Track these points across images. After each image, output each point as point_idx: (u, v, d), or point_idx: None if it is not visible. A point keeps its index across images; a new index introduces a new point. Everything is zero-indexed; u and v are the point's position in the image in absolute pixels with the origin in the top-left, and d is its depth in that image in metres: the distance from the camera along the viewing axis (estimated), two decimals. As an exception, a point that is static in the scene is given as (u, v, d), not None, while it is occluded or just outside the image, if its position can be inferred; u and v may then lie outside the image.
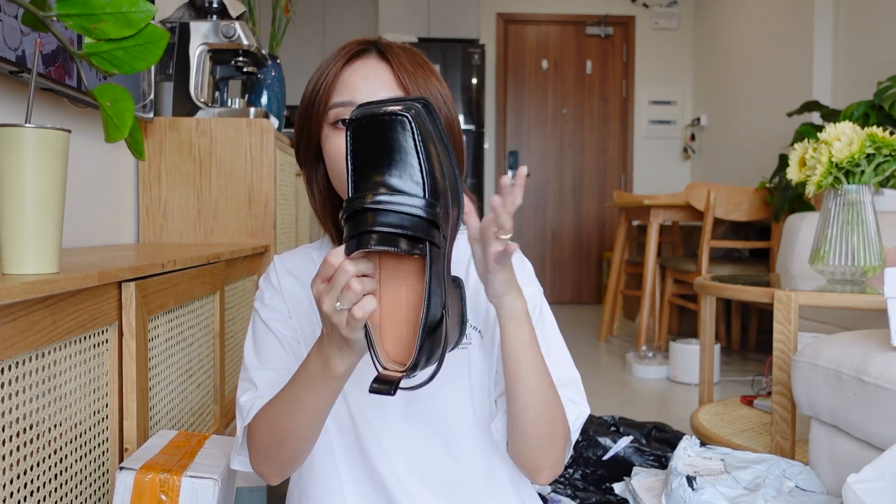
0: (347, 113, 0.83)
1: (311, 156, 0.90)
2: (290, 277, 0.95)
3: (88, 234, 1.75)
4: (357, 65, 0.86)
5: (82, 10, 0.79)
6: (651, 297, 3.63)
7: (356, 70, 0.85)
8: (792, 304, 1.62)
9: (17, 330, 0.79)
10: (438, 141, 0.68)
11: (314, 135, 0.87)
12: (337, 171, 0.85)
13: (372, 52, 0.87)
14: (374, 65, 0.85)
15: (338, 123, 0.85)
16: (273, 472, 0.87)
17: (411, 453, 0.91)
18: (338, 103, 0.84)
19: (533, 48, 5.86)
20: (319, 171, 0.90)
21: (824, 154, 1.71)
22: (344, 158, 0.80)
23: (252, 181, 2.03)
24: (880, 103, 2.84)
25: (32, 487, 0.85)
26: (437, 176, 0.65)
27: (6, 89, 1.35)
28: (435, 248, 0.64)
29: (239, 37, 2.09)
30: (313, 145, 0.88)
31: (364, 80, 0.84)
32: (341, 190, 0.87)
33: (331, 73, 0.86)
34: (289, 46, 3.44)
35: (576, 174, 5.91)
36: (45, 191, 0.81)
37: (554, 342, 0.94)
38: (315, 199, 0.92)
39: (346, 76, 0.85)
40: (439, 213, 0.65)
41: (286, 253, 1.00)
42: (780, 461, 1.34)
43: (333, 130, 0.85)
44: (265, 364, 0.90)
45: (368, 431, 0.91)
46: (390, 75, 0.84)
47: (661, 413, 2.61)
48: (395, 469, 0.91)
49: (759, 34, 4.58)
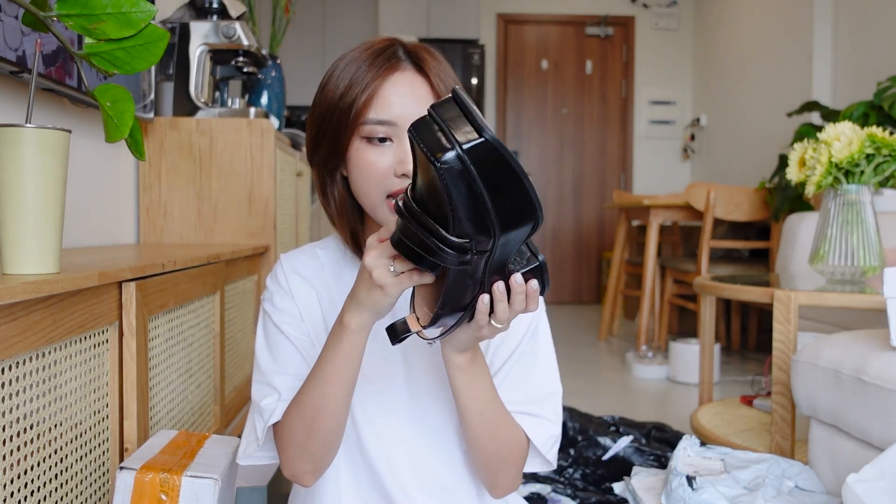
0: (385, 132, 0.82)
1: (333, 162, 0.87)
2: (297, 276, 0.94)
3: (88, 234, 1.75)
4: (395, 79, 0.83)
5: (83, 10, 0.79)
6: (651, 297, 3.63)
7: (394, 85, 0.83)
8: (791, 304, 1.62)
9: (17, 330, 0.79)
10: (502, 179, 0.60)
11: (342, 143, 0.85)
12: (363, 185, 0.84)
13: (408, 64, 0.84)
14: (412, 79, 0.84)
15: (373, 140, 0.83)
16: (308, 469, 0.86)
17: (411, 455, 0.92)
18: (374, 120, 0.82)
19: (533, 48, 5.86)
20: (337, 176, 0.89)
21: (824, 154, 1.71)
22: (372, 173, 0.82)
23: (252, 181, 2.03)
24: (880, 103, 2.84)
25: (32, 487, 0.85)
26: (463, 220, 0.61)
27: (6, 89, 1.35)
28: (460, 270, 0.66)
29: (239, 37, 2.09)
30: (339, 153, 0.86)
31: (402, 96, 0.82)
32: (365, 203, 0.86)
33: (367, 84, 0.82)
34: (289, 46, 3.44)
35: (576, 174, 5.92)
36: (45, 191, 0.81)
37: (542, 355, 0.94)
38: (330, 203, 0.90)
39: (383, 91, 0.82)
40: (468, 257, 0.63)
41: (292, 252, 0.99)
42: (780, 461, 1.34)
43: (366, 144, 0.83)
44: (283, 369, 0.90)
45: (370, 431, 0.92)
46: (428, 91, 0.84)
47: (660, 413, 2.61)
48: (394, 469, 0.91)
49: (758, 34, 4.58)
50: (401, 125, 0.82)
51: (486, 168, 0.57)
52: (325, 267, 0.95)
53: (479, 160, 0.57)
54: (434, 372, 0.92)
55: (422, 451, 0.92)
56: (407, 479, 0.92)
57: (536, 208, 0.60)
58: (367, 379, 0.91)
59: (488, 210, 0.59)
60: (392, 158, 0.82)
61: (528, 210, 0.60)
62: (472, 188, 0.57)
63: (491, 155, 0.57)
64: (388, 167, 0.82)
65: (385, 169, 0.82)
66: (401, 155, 0.82)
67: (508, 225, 0.60)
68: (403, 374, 0.93)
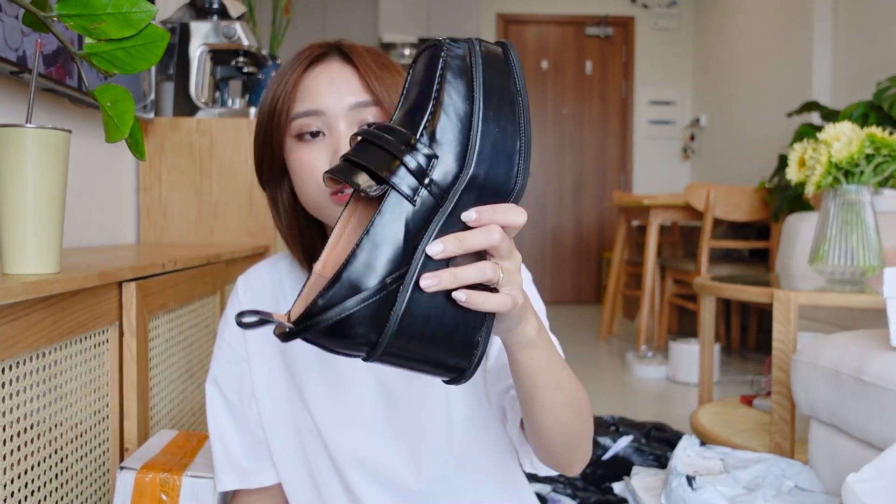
0: (313, 123, 0.77)
1: (276, 173, 0.83)
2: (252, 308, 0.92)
3: (88, 234, 1.75)
4: (319, 69, 0.79)
5: (83, 10, 0.79)
6: (651, 297, 3.63)
7: (318, 75, 0.78)
8: (791, 304, 1.62)
9: (17, 330, 0.79)
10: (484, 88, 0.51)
11: (277, 149, 0.80)
12: (303, 187, 0.78)
13: (334, 55, 0.80)
14: (338, 68, 0.79)
15: (304, 136, 0.77)
16: None
17: (388, 469, 0.87)
18: (301, 113, 0.77)
19: (533, 48, 5.86)
20: (284, 188, 0.83)
21: (824, 154, 1.71)
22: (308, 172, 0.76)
23: (252, 181, 2.03)
24: (880, 103, 2.84)
25: (33, 487, 0.85)
26: (443, 119, 0.50)
27: (7, 89, 1.35)
28: (397, 194, 0.49)
29: (239, 37, 2.09)
30: (277, 161, 0.81)
31: (328, 84, 0.77)
32: (309, 206, 0.80)
33: (290, 81, 0.78)
34: (289, 46, 3.44)
35: (576, 174, 5.92)
36: (45, 191, 0.81)
37: None
38: (281, 219, 0.85)
39: (307, 83, 0.78)
40: (423, 162, 0.49)
41: (251, 272, 0.93)
42: (780, 461, 1.34)
43: (298, 143, 0.78)
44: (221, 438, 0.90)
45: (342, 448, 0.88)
46: (356, 78, 0.78)
47: (660, 413, 2.61)
48: (367, 485, 0.87)
49: (758, 34, 4.58)
50: (329, 114, 0.77)
51: (493, 72, 0.50)
52: (285, 288, 0.91)
53: (490, 58, 0.50)
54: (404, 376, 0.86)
55: (390, 459, 0.87)
56: (375, 488, 0.87)
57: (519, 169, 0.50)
58: (332, 387, 0.87)
59: (475, 127, 0.49)
60: (326, 152, 0.77)
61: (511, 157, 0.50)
62: (469, 87, 0.50)
63: (503, 62, 0.50)
64: (323, 162, 0.76)
65: (321, 165, 0.76)
66: (334, 145, 0.76)
67: (488, 167, 0.50)
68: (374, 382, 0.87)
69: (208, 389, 0.90)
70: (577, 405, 0.72)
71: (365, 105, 0.77)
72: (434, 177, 0.49)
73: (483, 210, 0.50)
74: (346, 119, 0.77)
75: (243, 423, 0.90)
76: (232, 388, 0.90)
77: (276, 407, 0.90)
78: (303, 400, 0.88)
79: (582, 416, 0.74)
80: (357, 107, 0.77)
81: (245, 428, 0.90)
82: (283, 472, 0.90)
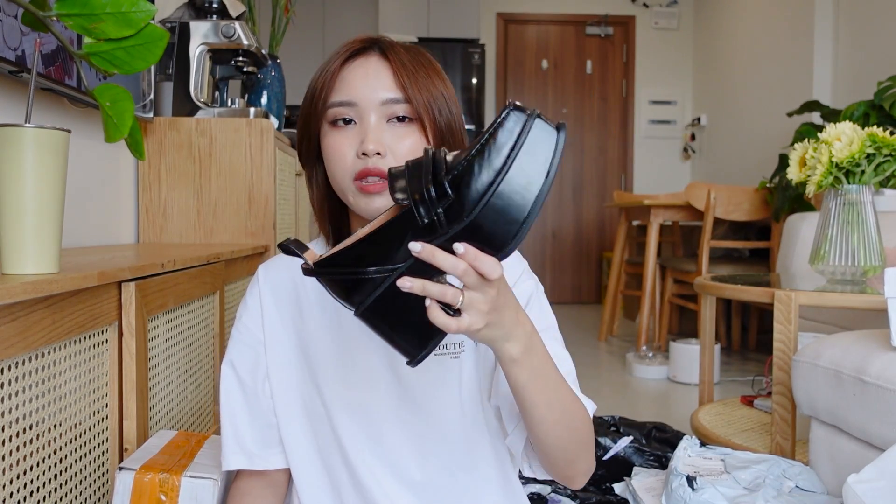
0: (346, 112, 0.82)
1: (313, 154, 0.89)
2: (271, 295, 0.93)
3: (88, 234, 1.75)
4: (357, 62, 0.84)
5: (82, 9, 0.79)
6: (651, 297, 3.63)
7: (355, 68, 0.84)
8: (792, 304, 1.62)
9: (16, 330, 0.79)
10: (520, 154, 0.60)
11: (314, 133, 0.86)
12: (333, 169, 0.84)
13: (373, 51, 0.85)
14: (374, 63, 0.84)
15: (337, 122, 0.83)
16: None
17: (394, 457, 0.89)
18: (336, 102, 0.83)
19: (533, 48, 5.86)
20: (319, 170, 0.89)
21: (824, 154, 1.71)
22: (338, 155, 0.83)
23: (252, 181, 2.02)
24: (880, 103, 2.83)
25: (32, 487, 0.85)
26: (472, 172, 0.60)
27: (6, 89, 1.35)
28: (412, 211, 0.61)
29: (239, 37, 2.09)
30: (314, 144, 0.87)
31: (363, 78, 0.83)
32: (336, 188, 0.86)
33: (330, 70, 0.84)
34: (289, 46, 3.44)
35: (576, 174, 5.91)
36: (44, 191, 0.81)
37: (549, 337, 0.89)
38: (314, 196, 0.91)
39: (345, 74, 0.84)
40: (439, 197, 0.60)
41: (271, 262, 0.97)
42: (781, 461, 1.34)
43: (332, 129, 0.84)
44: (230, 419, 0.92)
45: (351, 434, 0.89)
46: (390, 74, 0.83)
47: (661, 413, 2.61)
48: (373, 471, 0.89)
49: (759, 34, 4.58)
50: (361, 105, 0.82)
51: (530, 157, 0.60)
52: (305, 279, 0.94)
53: (536, 141, 0.60)
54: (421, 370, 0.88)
55: (406, 454, 0.89)
56: (390, 482, 0.89)
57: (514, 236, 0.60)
58: (348, 380, 0.89)
59: (490, 192, 0.59)
60: (355, 140, 0.82)
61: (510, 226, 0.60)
62: (505, 158, 0.59)
63: (549, 146, 0.60)
64: (351, 148, 0.82)
65: (348, 150, 0.82)
66: (362, 135, 0.81)
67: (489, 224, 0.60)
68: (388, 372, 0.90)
69: (224, 371, 0.93)
70: (570, 424, 0.78)
71: (395, 101, 0.82)
72: (443, 212, 0.60)
73: (469, 249, 0.60)
74: (377, 112, 0.82)
75: (255, 407, 0.91)
76: (247, 371, 0.92)
77: (289, 391, 0.92)
78: (316, 385, 0.90)
79: (576, 434, 0.79)
80: (388, 102, 0.82)
81: (257, 412, 0.91)
82: (293, 455, 0.91)
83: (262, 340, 0.92)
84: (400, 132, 0.82)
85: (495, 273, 0.60)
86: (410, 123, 0.83)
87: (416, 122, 0.83)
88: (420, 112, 0.82)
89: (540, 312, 0.90)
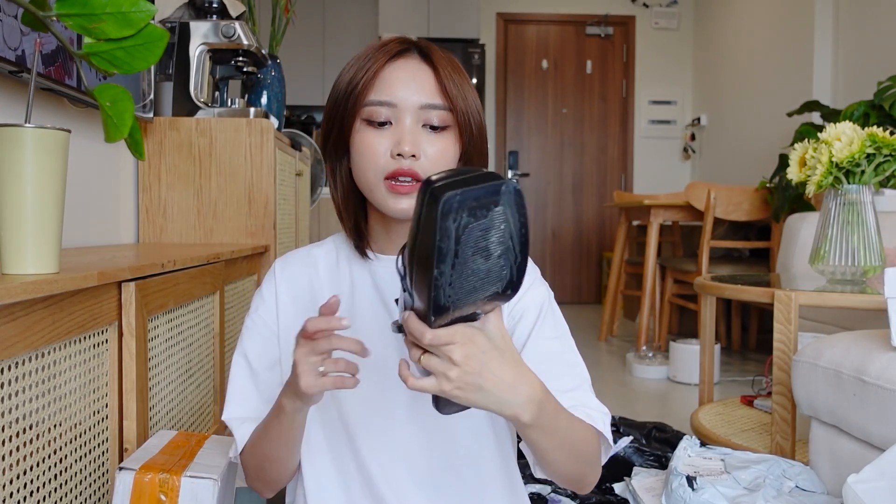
0: (383, 113, 0.83)
1: (340, 149, 0.89)
2: (287, 289, 0.94)
3: (88, 234, 1.75)
4: (399, 63, 0.84)
5: (82, 9, 0.79)
6: (651, 297, 3.63)
7: (397, 69, 0.84)
8: (792, 304, 1.62)
9: (17, 330, 0.79)
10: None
11: (346, 128, 0.86)
12: (363, 167, 0.85)
13: (414, 53, 0.85)
14: (416, 66, 0.84)
15: (373, 122, 0.84)
16: (264, 489, 0.92)
17: (402, 451, 0.90)
18: (375, 101, 0.83)
19: (533, 48, 5.86)
20: (344, 164, 0.89)
21: (824, 154, 1.71)
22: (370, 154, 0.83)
23: (252, 181, 2.02)
24: (880, 103, 2.83)
25: (32, 487, 0.85)
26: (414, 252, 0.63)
27: (6, 89, 1.35)
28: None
29: (239, 36, 2.09)
30: (343, 138, 0.87)
31: (405, 80, 0.83)
32: (363, 186, 0.86)
33: (371, 68, 0.84)
34: (289, 46, 3.44)
35: (576, 174, 5.91)
36: (45, 191, 0.81)
37: (562, 344, 0.90)
38: (337, 191, 0.91)
39: (386, 74, 0.84)
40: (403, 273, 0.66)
41: (288, 256, 0.98)
42: (781, 461, 1.34)
43: (366, 126, 0.84)
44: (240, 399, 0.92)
45: (362, 426, 0.90)
46: (432, 80, 0.84)
47: (661, 413, 2.61)
48: (382, 464, 0.90)
49: (759, 34, 4.58)
50: (401, 107, 0.83)
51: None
52: (319, 270, 0.95)
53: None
54: None
55: (416, 454, 0.90)
56: (400, 482, 0.90)
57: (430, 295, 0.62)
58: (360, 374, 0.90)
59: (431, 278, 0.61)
60: (390, 140, 0.83)
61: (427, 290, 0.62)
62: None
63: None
64: (385, 148, 0.83)
65: (382, 150, 0.83)
66: (398, 136, 0.82)
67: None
68: None
69: (236, 359, 0.94)
70: (579, 455, 0.81)
71: (434, 107, 0.83)
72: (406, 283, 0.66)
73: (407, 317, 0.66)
74: (414, 116, 0.83)
75: (265, 392, 0.92)
76: (258, 360, 0.93)
77: None
78: None
79: (585, 458, 0.82)
80: (427, 107, 0.83)
81: (267, 396, 0.92)
82: (302, 444, 0.92)
83: (276, 332, 0.93)
84: (432, 137, 0.84)
85: (423, 338, 0.64)
86: (442, 131, 0.84)
87: (450, 129, 0.84)
88: (459, 120, 0.84)
89: (553, 321, 0.92)
